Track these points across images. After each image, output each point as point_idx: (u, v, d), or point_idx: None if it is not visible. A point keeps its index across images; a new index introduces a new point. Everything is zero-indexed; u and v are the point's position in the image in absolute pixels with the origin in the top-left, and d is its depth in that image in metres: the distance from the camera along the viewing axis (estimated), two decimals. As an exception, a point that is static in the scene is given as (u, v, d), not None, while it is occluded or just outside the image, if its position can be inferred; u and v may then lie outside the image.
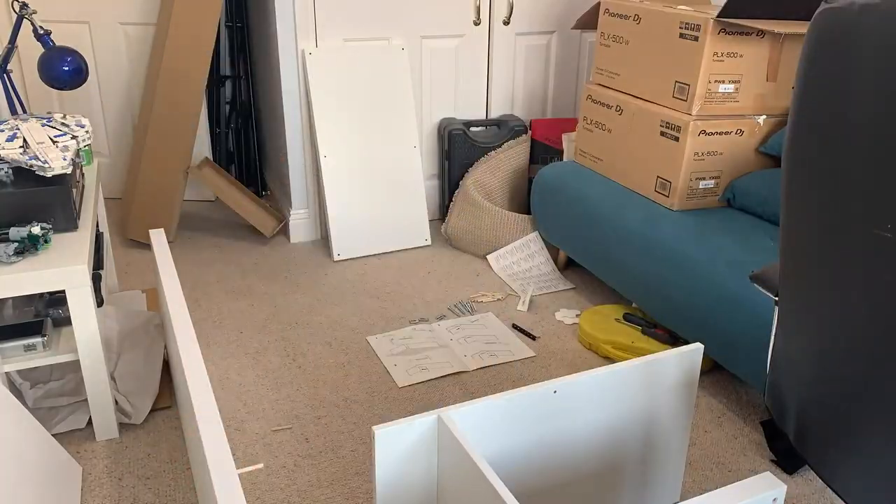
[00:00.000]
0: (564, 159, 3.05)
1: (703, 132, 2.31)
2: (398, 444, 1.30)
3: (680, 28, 2.29)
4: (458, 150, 3.20)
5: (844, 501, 1.27)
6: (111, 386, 1.96)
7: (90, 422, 1.95)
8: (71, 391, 2.01)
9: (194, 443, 1.40)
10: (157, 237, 1.93)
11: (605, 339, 2.33)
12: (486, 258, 3.01)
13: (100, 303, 1.93)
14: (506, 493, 1.13)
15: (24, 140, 1.88)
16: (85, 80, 2.38)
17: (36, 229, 1.78)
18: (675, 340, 2.29)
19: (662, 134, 2.39)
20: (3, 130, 1.91)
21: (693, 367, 1.55)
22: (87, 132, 2.03)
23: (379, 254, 3.04)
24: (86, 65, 2.37)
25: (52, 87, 2.37)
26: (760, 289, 1.54)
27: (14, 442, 1.57)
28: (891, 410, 1.08)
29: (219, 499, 1.04)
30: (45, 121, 2.02)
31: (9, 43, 2.36)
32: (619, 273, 2.49)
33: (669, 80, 2.35)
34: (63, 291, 1.77)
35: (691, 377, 1.56)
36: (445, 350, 2.36)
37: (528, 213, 2.99)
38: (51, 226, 1.83)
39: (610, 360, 2.33)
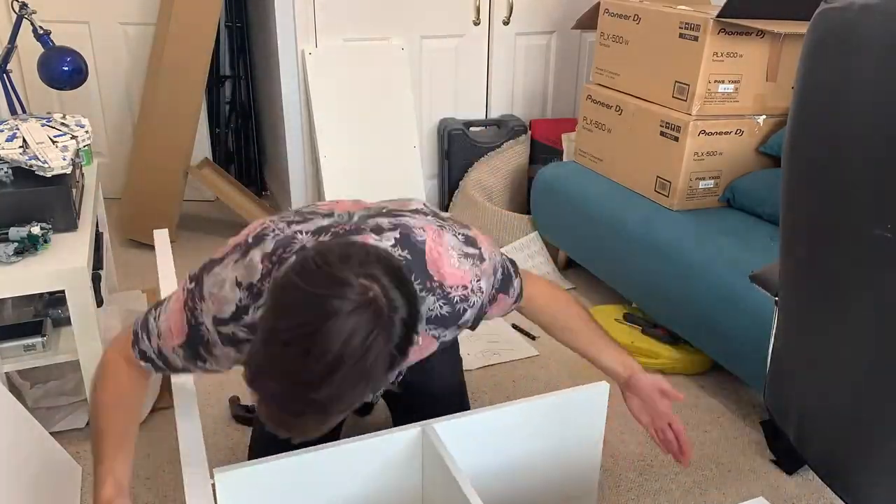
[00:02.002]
0: (564, 159, 3.05)
1: (703, 132, 2.31)
2: (380, 455, 1.27)
3: (680, 28, 2.29)
4: (457, 150, 3.20)
5: (844, 501, 1.27)
6: (111, 386, 1.96)
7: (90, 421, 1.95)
8: (71, 391, 2.01)
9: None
10: (161, 237, 1.92)
11: (605, 339, 2.34)
12: (485, 258, 3.00)
13: (99, 303, 1.93)
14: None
15: (24, 140, 1.88)
16: (84, 80, 2.38)
17: (35, 229, 1.78)
18: (674, 340, 2.29)
19: (662, 134, 2.39)
20: (2, 130, 1.91)
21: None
22: (86, 132, 2.03)
23: (379, 254, 3.04)
24: (85, 65, 2.37)
25: (52, 87, 2.37)
26: (760, 289, 1.54)
27: (13, 442, 1.57)
28: (891, 409, 1.07)
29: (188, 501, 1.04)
30: (44, 121, 2.01)
31: (9, 43, 2.36)
32: (619, 273, 2.48)
33: (669, 79, 2.35)
34: (63, 291, 1.77)
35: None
36: (445, 350, 2.36)
37: (528, 213, 2.99)
38: (50, 226, 1.83)
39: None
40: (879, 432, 1.11)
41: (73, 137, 1.95)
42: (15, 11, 2.32)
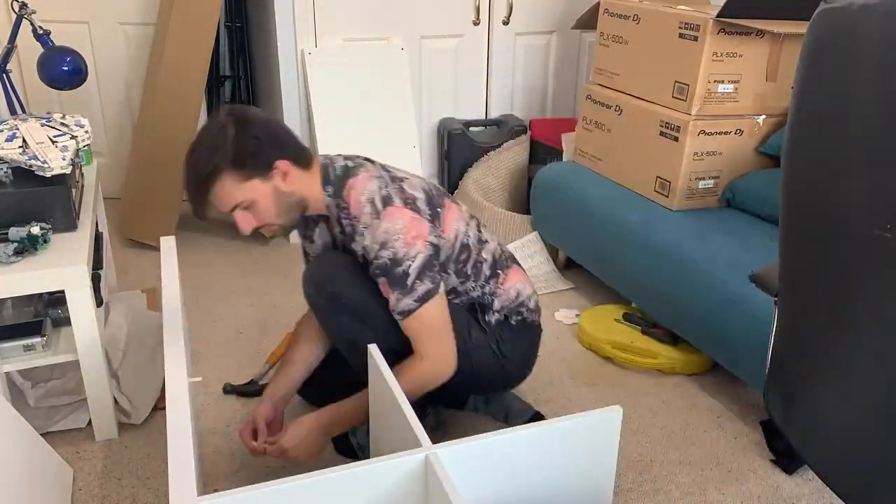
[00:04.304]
0: (564, 159, 3.05)
1: (703, 132, 2.31)
2: (383, 481, 1.22)
3: (679, 28, 2.29)
4: (457, 150, 3.20)
5: (843, 500, 1.27)
6: (113, 384, 1.96)
7: (91, 421, 1.95)
8: (72, 390, 2.01)
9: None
10: (167, 244, 1.92)
11: (606, 338, 2.33)
12: (485, 258, 3.00)
13: (99, 303, 1.93)
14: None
15: (24, 140, 1.88)
16: (84, 80, 2.37)
17: (35, 229, 1.78)
18: (674, 340, 2.29)
19: (662, 134, 2.39)
20: (2, 130, 1.91)
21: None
22: (86, 132, 2.03)
23: (379, 254, 3.04)
24: (85, 65, 2.36)
25: (52, 87, 2.37)
26: (760, 289, 1.54)
27: (3, 444, 1.56)
28: (891, 405, 1.07)
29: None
30: (44, 121, 2.01)
31: (8, 43, 2.36)
32: (618, 273, 2.48)
33: (669, 80, 2.35)
34: (62, 291, 1.77)
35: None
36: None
37: (528, 213, 2.99)
38: (50, 226, 1.83)
39: (610, 359, 2.33)
40: (880, 433, 1.11)
41: (73, 137, 1.95)
42: (15, 11, 2.32)
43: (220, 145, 1.53)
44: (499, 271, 1.83)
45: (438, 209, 1.70)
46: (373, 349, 1.56)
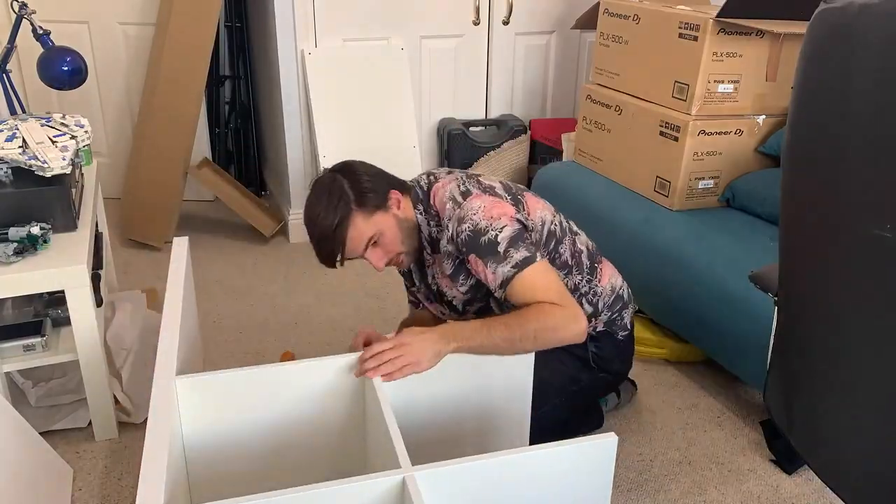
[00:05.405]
0: (564, 159, 3.05)
1: (703, 132, 2.31)
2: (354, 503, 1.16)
3: (679, 28, 2.29)
4: (457, 150, 3.20)
5: (844, 501, 1.27)
6: (115, 383, 1.96)
7: (91, 421, 1.95)
8: (73, 388, 2.01)
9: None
10: (179, 245, 1.92)
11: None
12: (485, 258, 3.00)
13: (99, 303, 1.93)
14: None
15: (24, 140, 1.88)
16: (84, 80, 2.37)
17: (35, 229, 1.78)
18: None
19: (662, 134, 2.39)
20: (2, 130, 1.91)
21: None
22: (86, 132, 2.03)
23: (378, 254, 3.04)
24: (85, 65, 2.36)
25: (52, 87, 2.37)
26: (760, 289, 1.54)
27: (4, 444, 1.56)
28: (891, 405, 1.08)
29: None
30: (44, 121, 2.01)
31: (8, 43, 2.36)
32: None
33: (669, 80, 2.35)
34: (62, 291, 1.77)
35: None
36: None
37: (528, 213, 2.99)
38: (50, 226, 1.83)
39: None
40: (880, 432, 1.11)
41: (73, 137, 1.95)
42: (14, 11, 2.32)
43: (342, 194, 1.63)
44: (596, 265, 1.84)
45: (519, 196, 1.70)
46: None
